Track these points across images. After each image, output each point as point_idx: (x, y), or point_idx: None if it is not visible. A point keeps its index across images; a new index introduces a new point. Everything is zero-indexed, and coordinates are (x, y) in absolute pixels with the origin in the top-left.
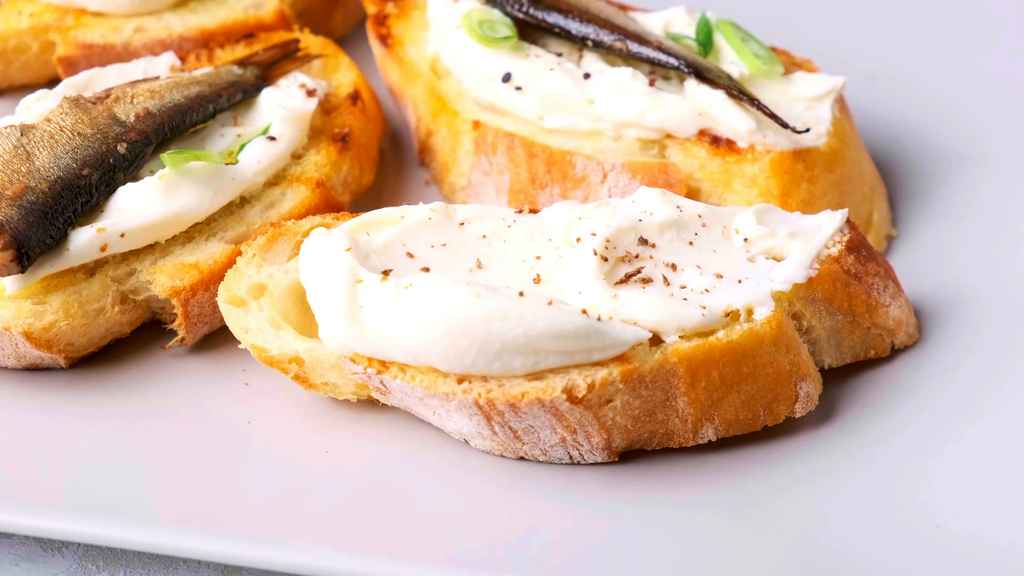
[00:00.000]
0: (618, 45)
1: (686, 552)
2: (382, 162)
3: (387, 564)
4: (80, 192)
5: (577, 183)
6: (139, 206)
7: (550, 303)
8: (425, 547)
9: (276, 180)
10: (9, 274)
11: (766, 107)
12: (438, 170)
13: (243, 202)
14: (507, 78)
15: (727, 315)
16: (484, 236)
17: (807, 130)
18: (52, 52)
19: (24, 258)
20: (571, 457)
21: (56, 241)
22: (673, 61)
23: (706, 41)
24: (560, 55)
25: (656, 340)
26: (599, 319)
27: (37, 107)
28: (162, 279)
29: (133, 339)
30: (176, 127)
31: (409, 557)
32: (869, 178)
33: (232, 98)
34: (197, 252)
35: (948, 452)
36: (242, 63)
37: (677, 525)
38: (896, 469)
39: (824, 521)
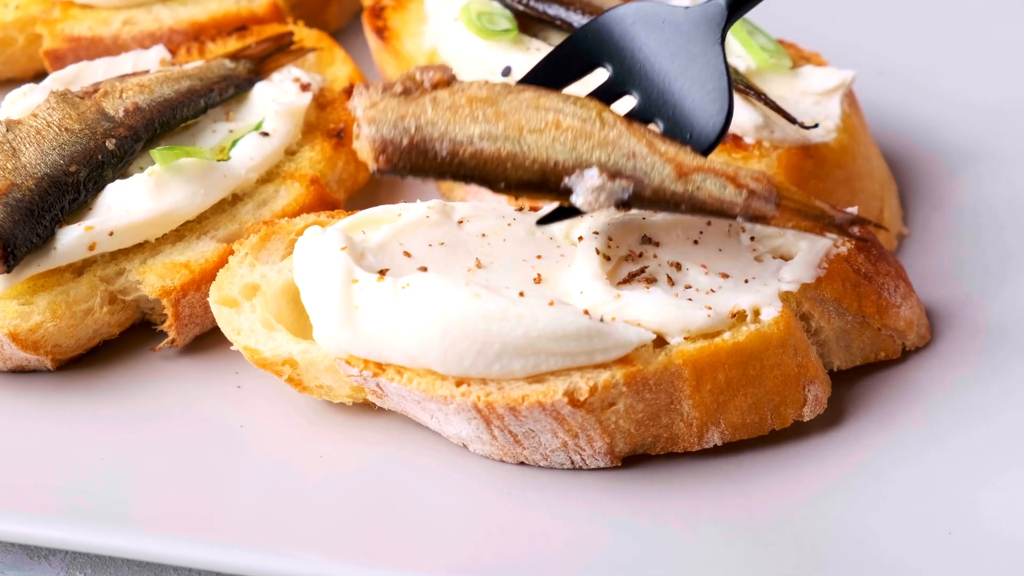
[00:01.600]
0: None
1: (691, 559)
2: None
3: (384, 571)
4: (67, 189)
5: None
6: (128, 204)
7: (551, 303)
8: (423, 554)
9: (269, 177)
10: None
11: (773, 102)
12: None
13: (235, 200)
14: (507, 72)
15: (733, 316)
16: (483, 235)
17: (816, 125)
18: (39, 45)
19: (10, 257)
20: (573, 462)
21: (43, 240)
22: None
23: None
24: None
25: (660, 341)
26: (601, 320)
27: (23, 102)
28: (152, 279)
29: (122, 341)
30: (166, 122)
31: (406, 564)
32: (879, 175)
33: (224, 93)
34: (188, 251)
35: (960, 456)
36: (234, 57)
37: (681, 532)
38: (907, 474)
39: (833, 527)
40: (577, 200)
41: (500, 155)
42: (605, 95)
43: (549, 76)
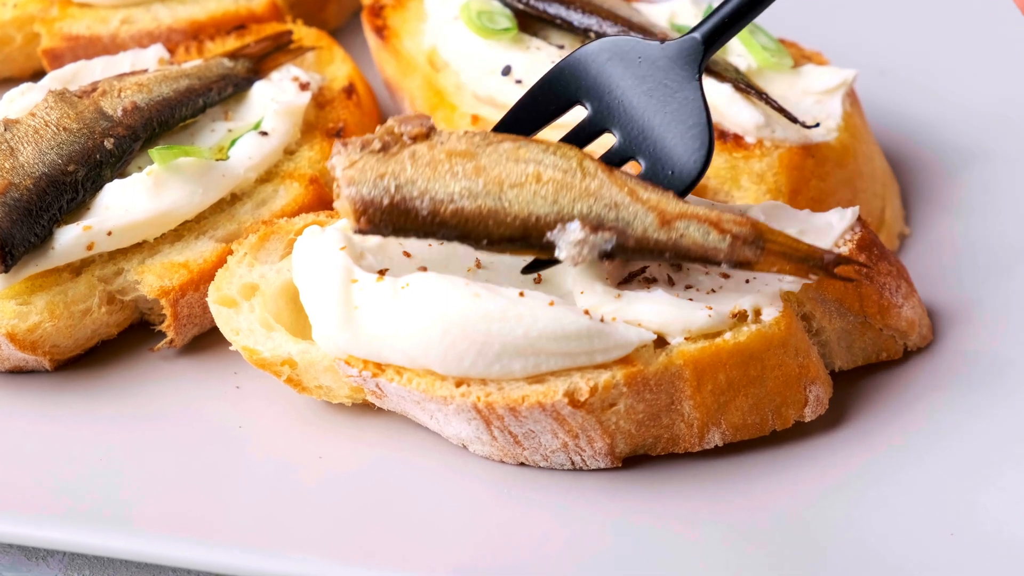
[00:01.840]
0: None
1: (692, 561)
2: None
3: (383, 573)
4: (66, 189)
5: None
6: (127, 203)
7: (551, 303)
8: (422, 556)
9: (268, 176)
10: None
11: (775, 101)
12: None
13: (234, 199)
14: (507, 71)
15: (734, 316)
16: None
17: (817, 125)
18: (37, 44)
19: (8, 257)
20: (573, 463)
21: (41, 239)
22: None
23: None
24: (562, 47)
25: (661, 342)
26: (602, 320)
27: (21, 101)
28: (150, 279)
29: (120, 341)
30: (165, 122)
31: (406, 566)
32: (881, 174)
33: (223, 92)
34: (186, 251)
35: (962, 457)
36: (233, 56)
37: (682, 533)
38: (909, 475)
39: (834, 528)
40: (560, 254)
41: (481, 212)
42: (584, 133)
43: (527, 117)
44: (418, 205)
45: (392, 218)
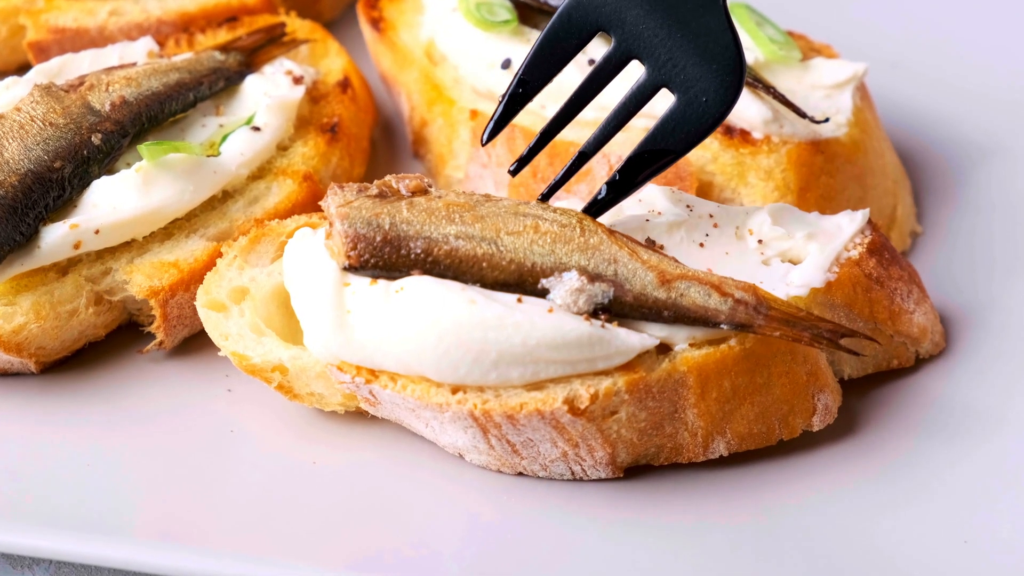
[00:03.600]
0: None
1: (696, 574)
2: (373, 154)
3: None
4: (52, 186)
5: (581, 177)
6: (115, 201)
7: (550, 310)
8: (416, 567)
9: (261, 173)
10: None
11: (783, 95)
12: (433, 162)
13: (225, 196)
14: (507, 64)
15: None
16: None
17: (826, 120)
18: (22, 37)
19: None
20: (573, 473)
21: (26, 238)
22: None
23: None
24: None
25: (664, 348)
26: (603, 326)
27: (6, 95)
28: (139, 279)
29: (108, 342)
30: (154, 117)
31: None
32: (892, 171)
33: (214, 86)
34: (176, 250)
35: (975, 468)
36: (224, 48)
37: (685, 545)
38: (920, 485)
39: (844, 539)
40: (555, 303)
41: (476, 254)
42: (611, 64)
43: (551, 52)
44: (412, 244)
45: (384, 255)
